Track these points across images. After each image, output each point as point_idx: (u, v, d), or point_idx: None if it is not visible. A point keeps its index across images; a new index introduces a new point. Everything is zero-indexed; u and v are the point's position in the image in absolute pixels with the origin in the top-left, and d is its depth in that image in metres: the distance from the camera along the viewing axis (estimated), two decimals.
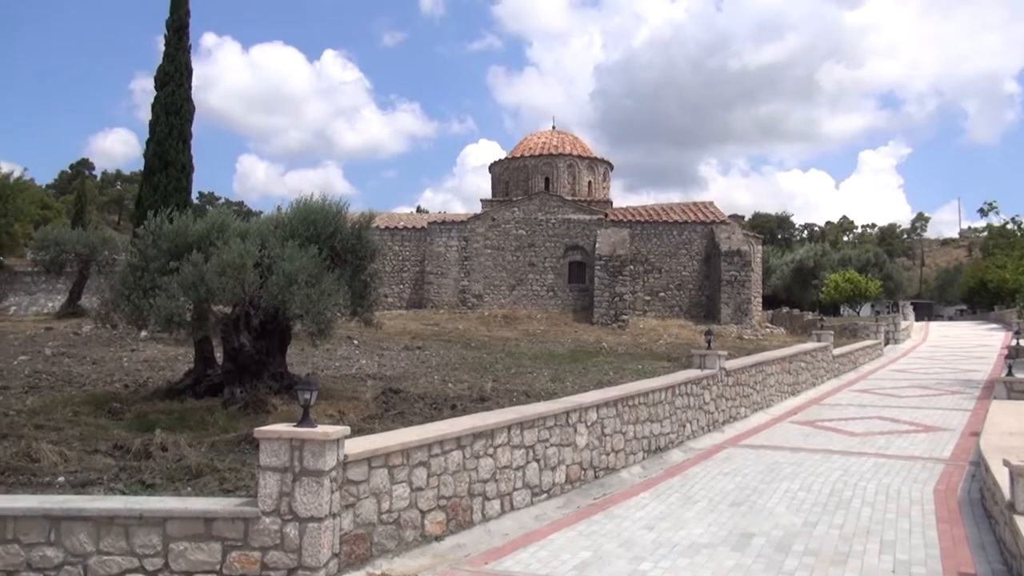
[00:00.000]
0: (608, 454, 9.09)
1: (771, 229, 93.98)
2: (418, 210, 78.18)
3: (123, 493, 7.08)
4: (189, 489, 7.44)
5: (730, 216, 38.18)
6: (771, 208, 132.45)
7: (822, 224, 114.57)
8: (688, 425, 11.37)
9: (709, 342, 12.89)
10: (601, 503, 7.98)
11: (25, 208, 37.91)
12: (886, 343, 31.68)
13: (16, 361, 17.73)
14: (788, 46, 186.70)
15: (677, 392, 11.02)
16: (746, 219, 57.10)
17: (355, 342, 23.02)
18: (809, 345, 19.53)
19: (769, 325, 36.86)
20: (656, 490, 8.62)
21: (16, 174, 40.15)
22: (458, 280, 35.68)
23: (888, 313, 42.96)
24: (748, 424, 13.20)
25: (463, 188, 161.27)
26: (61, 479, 7.78)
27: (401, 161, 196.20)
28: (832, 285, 49.67)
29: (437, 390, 15.06)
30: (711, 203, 39.05)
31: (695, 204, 39.11)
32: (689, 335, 29.61)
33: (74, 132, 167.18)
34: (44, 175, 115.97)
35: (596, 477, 8.77)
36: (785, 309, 43.71)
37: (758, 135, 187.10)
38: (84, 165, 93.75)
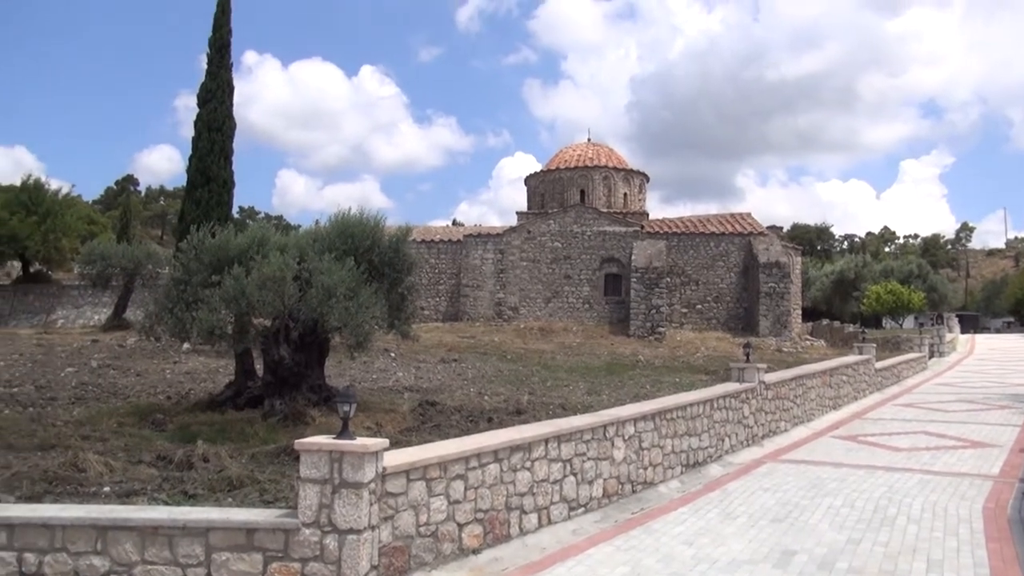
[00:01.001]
0: (646, 468, 9.01)
1: (810, 240, 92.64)
2: (454, 223, 78.54)
3: (166, 503, 7.20)
4: (230, 500, 7.55)
5: (768, 227, 37.74)
6: (810, 219, 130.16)
7: (862, 235, 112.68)
8: (727, 439, 11.23)
9: (748, 355, 12.72)
10: (639, 518, 7.90)
11: (73, 223, 38.91)
12: (931, 356, 31.00)
13: (64, 373, 18.19)
14: (827, 55, 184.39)
15: (716, 406, 10.90)
16: (784, 230, 56.36)
17: (392, 354, 23.18)
18: (851, 358, 19.18)
19: (809, 337, 36.28)
20: (695, 505, 8.51)
21: (64, 191, 41.35)
22: (494, 292, 35.75)
23: (932, 325, 42.06)
24: (788, 438, 12.99)
25: (499, 201, 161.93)
26: (107, 489, 7.95)
27: (437, 174, 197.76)
28: (874, 297, 48.70)
29: (473, 403, 15.09)
30: (749, 214, 38.65)
31: (732, 215, 38.73)
32: (727, 348, 29.28)
33: (120, 149, 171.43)
34: (91, 191, 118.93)
35: (634, 491, 8.70)
36: (825, 321, 43.03)
37: (796, 145, 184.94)
38: (129, 181, 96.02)
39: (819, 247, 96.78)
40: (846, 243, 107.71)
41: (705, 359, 26.56)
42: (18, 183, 39.39)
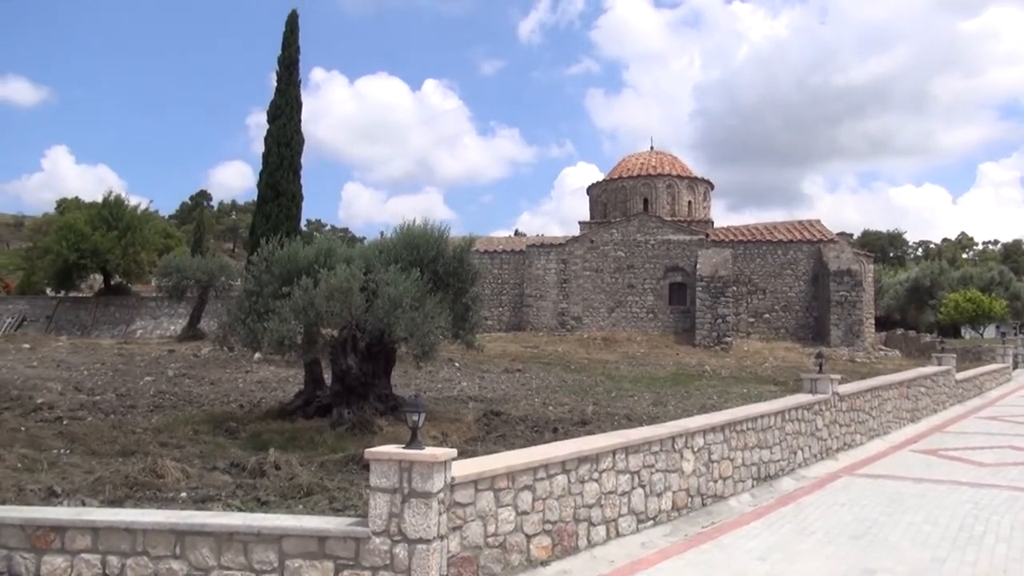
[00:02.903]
0: (716, 481, 8.82)
1: (882, 247, 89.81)
2: (516, 233, 78.77)
3: (240, 510, 7.37)
4: (301, 507, 7.68)
5: (838, 234, 36.68)
6: (882, 225, 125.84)
7: (938, 241, 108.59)
8: (799, 452, 10.91)
9: (820, 365, 12.37)
10: (710, 532, 7.73)
11: (151, 238, 40.43)
12: (1015, 367, 29.63)
13: (142, 381, 18.86)
14: (898, 58, 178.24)
15: (787, 417, 10.60)
16: (855, 237, 54.77)
17: (456, 364, 23.32)
18: (929, 369, 18.46)
19: (883, 348, 35.09)
20: (767, 520, 8.28)
21: (143, 206, 43.05)
22: (557, 302, 35.66)
23: (1016, 335, 40.23)
24: (864, 452, 12.55)
25: (560, 211, 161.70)
26: (184, 495, 8.19)
27: (499, 186, 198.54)
28: (952, 305, 46.95)
29: (538, 413, 15.05)
30: (817, 221, 37.67)
31: (800, 223, 37.81)
32: (796, 358, 28.55)
33: (195, 166, 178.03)
34: (167, 206, 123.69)
35: (703, 505, 8.52)
36: (900, 331, 41.60)
37: (867, 150, 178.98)
38: (203, 196, 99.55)
39: (892, 254, 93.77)
40: (920, 250, 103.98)
41: (774, 369, 25.95)
42: (100, 200, 41.22)
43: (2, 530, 5.67)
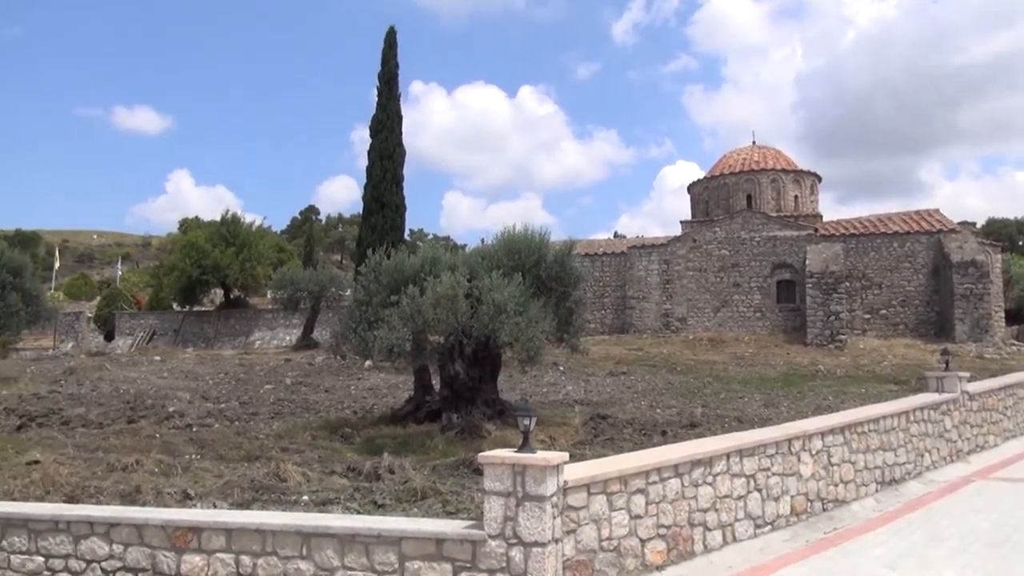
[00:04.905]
0: (836, 485, 8.48)
1: (1010, 235, 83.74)
2: (615, 235, 78.02)
3: (358, 512, 7.62)
4: (416, 510, 7.86)
5: (959, 223, 34.60)
6: (1009, 212, 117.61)
7: None
8: (927, 455, 10.34)
9: (947, 362, 11.72)
10: (832, 538, 7.43)
11: (265, 252, 42.26)
12: None
13: (263, 390, 19.78)
14: (1021, 34, 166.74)
15: (912, 418, 10.08)
16: (978, 226, 51.49)
17: (560, 368, 23.33)
18: None
19: (1015, 342, 32.77)
20: (894, 526, 7.89)
21: (257, 222, 45.12)
22: (660, 304, 35.10)
23: None
24: (999, 454, 11.78)
25: (660, 211, 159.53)
26: (305, 498, 8.54)
27: (597, 188, 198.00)
28: None
29: (645, 416, 14.87)
30: (937, 210, 35.57)
31: (917, 213, 35.80)
32: (918, 355, 27.06)
33: (305, 182, 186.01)
34: (279, 221, 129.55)
35: (824, 510, 8.20)
36: None
37: (989, 133, 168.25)
38: (311, 211, 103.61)
39: (1022, 243, 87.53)
40: None
41: (893, 368, 24.68)
42: (218, 218, 43.53)
43: (146, 530, 6.08)
